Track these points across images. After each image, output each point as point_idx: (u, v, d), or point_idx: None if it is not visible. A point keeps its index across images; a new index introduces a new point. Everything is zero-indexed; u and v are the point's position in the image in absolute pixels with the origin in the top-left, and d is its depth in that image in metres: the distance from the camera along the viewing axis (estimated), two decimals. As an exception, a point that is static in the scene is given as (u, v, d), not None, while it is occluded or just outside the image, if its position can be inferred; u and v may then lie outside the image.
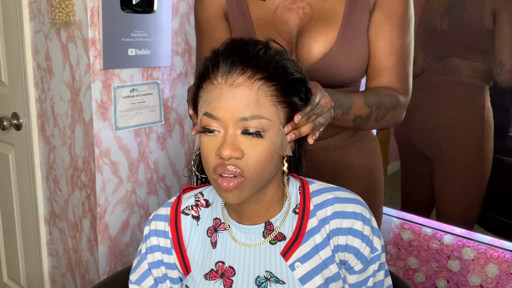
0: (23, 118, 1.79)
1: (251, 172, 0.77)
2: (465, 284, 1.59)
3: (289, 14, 1.10)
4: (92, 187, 1.60)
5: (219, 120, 0.77)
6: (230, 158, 0.76)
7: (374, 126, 1.09)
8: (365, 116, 1.04)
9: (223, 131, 0.77)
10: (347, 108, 1.00)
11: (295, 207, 0.88)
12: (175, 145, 1.82)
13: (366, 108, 1.03)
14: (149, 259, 0.92)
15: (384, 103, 1.05)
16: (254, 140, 0.76)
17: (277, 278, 0.85)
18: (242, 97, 0.75)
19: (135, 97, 1.62)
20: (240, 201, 0.80)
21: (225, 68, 0.77)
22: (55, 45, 1.60)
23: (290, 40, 1.10)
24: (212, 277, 0.88)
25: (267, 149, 0.77)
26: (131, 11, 1.53)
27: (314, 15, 1.09)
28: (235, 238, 0.88)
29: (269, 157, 0.78)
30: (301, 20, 1.10)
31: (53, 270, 1.92)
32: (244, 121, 0.75)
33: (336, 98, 0.96)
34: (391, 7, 1.08)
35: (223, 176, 0.77)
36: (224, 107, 0.76)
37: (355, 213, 0.85)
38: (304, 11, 1.10)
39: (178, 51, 1.73)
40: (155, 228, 0.92)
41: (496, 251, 1.52)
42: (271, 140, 0.77)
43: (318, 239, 0.85)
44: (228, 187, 0.77)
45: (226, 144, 0.75)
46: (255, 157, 0.76)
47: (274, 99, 0.77)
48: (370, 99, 1.04)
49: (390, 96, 1.07)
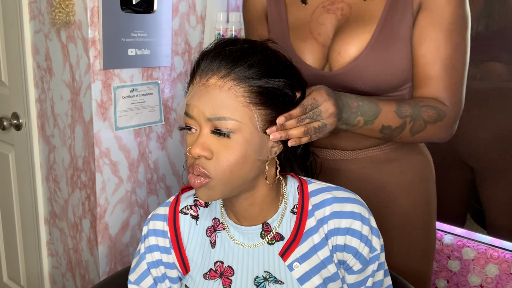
0: (23, 118, 1.79)
1: (219, 173, 0.77)
2: (465, 284, 1.59)
3: (327, 15, 1.05)
4: (92, 187, 1.60)
5: (194, 119, 0.78)
6: (199, 157, 0.77)
7: (412, 139, 0.99)
8: (396, 128, 0.96)
9: (198, 130, 0.78)
10: (372, 117, 0.93)
11: (293, 207, 0.88)
12: (175, 145, 1.82)
13: (398, 119, 0.95)
14: (148, 259, 0.92)
15: (422, 115, 0.96)
16: (224, 141, 0.77)
17: (276, 278, 0.85)
18: (209, 97, 0.76)
19: (135, 97, 1.62)
20: (211, 199, 0.81)
21: (203, 67, 0.78)
22: (55, 45, 1.60)
23: (325, 43, 1.05)
24: (211, 277, 0.88)
25: (237, 151, 0.77)
26: (131, 11, 1.53)
27: (352, 16, 1.03)
28: (233, 238, 0.88)
29: (241, 159, 0.77)
30: (338, 22, 1.04)
31: (53, 270, 1.92)
32: (211, 121, 0.76)
33: (358, 105, 0.91)
34: (438, 10, 0.98)
35: (193, 174, 0.78)
36: (194, 106, 0.77)
37: (354, 213, 0.84)
38: (342, 12, 1.04)
39: (178, 51, 1.73)
40: (153, 228, 0.92)
41: (496, 251, 1.52)
42: (241, 142, 0.76)
43: (316, 239, 0.85)
44: (195, 184, 0.78)
45: (196, 143, 0.77)
46: (224, 159, 0.77)
47: (247, 100, 0.76)
48: (404, 109, 0.95)
49: (432, 107, 0.97)
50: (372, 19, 1.01)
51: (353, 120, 0.91)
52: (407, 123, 0.95)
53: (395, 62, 1.00)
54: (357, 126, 0.92)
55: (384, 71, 1.00)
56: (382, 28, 0.99)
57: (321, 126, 0.83)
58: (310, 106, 0.81)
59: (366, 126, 0.93)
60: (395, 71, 1.00)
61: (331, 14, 1.05)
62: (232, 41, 0.80)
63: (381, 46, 0.99)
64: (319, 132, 0.83)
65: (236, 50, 0.78)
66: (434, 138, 1.01)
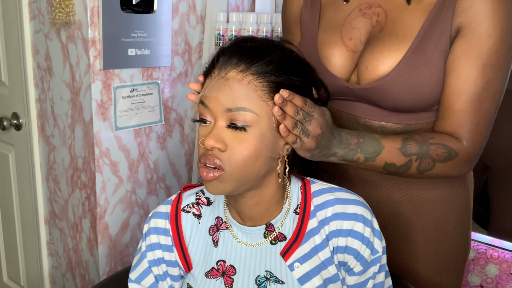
0: (23, 118, 1.79)
1: (232, 167, 0.77)
2: (465, 284, 1.59)
3: (363, 19, 1.00)
4: (92, 187, 1.60)
5: (210, 110, 0.78)
6: (212, 149, 0.77)
7: (421, 177, 0.94)
8: (401, 166, 0.91)
9: (213, 122, 0.79)
10: (373, 154, 0.89)
11: (296, 207, 0.87)
12: (175, 145, 1.82)
13: (402, 157, 0.90)
14: (149, 257, 0.92)
15: (430, 153, 0.91)
16: (239, 134, 0.77)
17: (277, 278, 0.85)
18: (229, 89, 0.77)
19: (135, 97, 1.62)
20: (220, 193, 0.80)
21: (222, 61, 0.79)
22: (55, 45, 1.60)
23: (355, 48, 1.00)
24: (213, 276, 0.88)
25: (252, 145, 0.77)
26: (131, 11, 1.53)
27: (387, 26, 0.97)
28: (236, 238, 0.88)
29: (254, 154, 0.78)
30: (373, 29, 0.99)
31: (53, 270, 1.92)
32: (229, 112, 0.76)
33: (358, 142, 0.88)
34: (476, 40, 0.90)
35: (206, 165, 0.78)
36: (212, 97, 0.78)
37: (356, 215, 0.84)
38: (378, 19, 0.98)
39: (178, 51, 1.73)
40: (155, 226, 0.92)
41: (496, 251, 1.52)
42: (256, 136, 0.77)
43: (317, 240, 0.85)
44: (207, 176, 0.78)
45: (210, 135, 0.77)
46: (238, 152, 0.77)
47: (265, 95, 0.77)
48: (409, 147, 0.90)
49: (442, 146, 0.91)
50: (408, 35, 0.94)
51: (351, 156, 0.89)
52: (413, 161, 0.91)
53: (423, 85, 0.94)
54: (357, 162, 0.90)
55: (411, 93, 0.94)
56: (415, 49, 0.93)
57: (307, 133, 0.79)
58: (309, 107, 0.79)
59: (367, 162, 0.90)
60: (422, 94, 0.94)
61: (367, 19, 0.99)
62: (251, 38, 0.82)
63: (411, 68, 0.93)
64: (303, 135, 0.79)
65: (255, 46, 0.80)
66: (446, 176, 0.96)
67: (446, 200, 1.05)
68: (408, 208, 1.06)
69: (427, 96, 0.95)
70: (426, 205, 1.05)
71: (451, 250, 1.08)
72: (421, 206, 1.05)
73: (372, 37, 0.98)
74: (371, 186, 1.06)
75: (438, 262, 1.08)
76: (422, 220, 1.06)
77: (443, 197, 1.05)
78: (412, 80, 0.93)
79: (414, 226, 1.06)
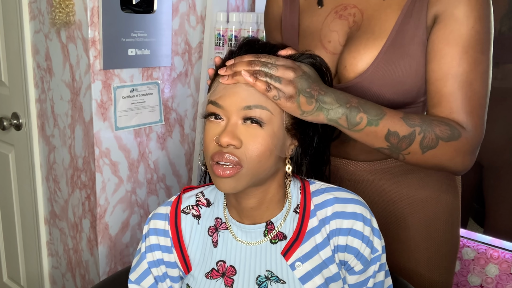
0: (23, 118, 1.79)
1: (249, 162, 0.77)
2: (465, 284, 1.59)
3: (340, 21, 1.00)
4: (92, 187, 1.60)
5: (223, 109, 0.78)
6: (228, 146, 0.77)
7: (423, 159, 0.87)
8: (404, 137, 0.84)
9: (226, 120, 0.79)
10: (376, 117, 0.83)
11: (296, 207, 0.88)
12: (175, 145, 1.82)
13: (406, 127, 0.84)
14: (149, 258, 0.92)
15: (433, 128, 0.85)
16: (254, 130, 0.77)
17: (278, 277, 0.86)
18: (247, 86, 0.78)
19: (135, 97, 1.62)
20: (234, 191, 0.80)
21: None
22: (55, 45, 1.60)
23: (335, 50, 1.00)
24: (213, 276, 0.88)
25: (266, 141, 0.78)
26: (131, 11, 1.53)
27: (363, 24, 0.97)
28: (236, 237, 0.88)
29: (268, 150, 0.78)
30: (351, 29, 0.99)
31: (53, 270, 1.92)
32: (248, 109, 0.77)
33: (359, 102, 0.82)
34: (455, 23, 0.88)
35: (220, 163, 0.78)
36: (229, 95, 0.78)
37: (355, 214, 0.84)
38: (354, 19, 0.99)
39: (178, 51, 1.73)
40: (154, 227, 0.92)
41: (496, 251, 1.52)
42: (270, 134, 0.78)
43: (318, 239, 0.85)
44: (223, 174, 0.77)
45: (225, 132, 0.77)
46: (253, 147, 0.77)
47: None
48: (411, 118, 0.85)
49: (445, 123, 0.86)
50: (382, 33, 0.94)
51: (354, 115, 0.81)
52: (416, 134, 0.84)
53: (403, 79, 0.93)
54: (359, 126, 0.82)
55: (390, 88, 0.93)
56: (391, 44, 0.93)
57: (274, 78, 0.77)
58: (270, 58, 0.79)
59: (370, 127, 0.83)
60: (403, 88, 0.93)
61: (343, 20, 1.00)
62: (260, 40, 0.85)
63: (388, 63, 0.92)
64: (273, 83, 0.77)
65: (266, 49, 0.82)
66: (449, 163, 0.89)
67: (436, 199, 1.05)
68: (399, 207, 1.06)
69: (407, 90, 0.94)
70: (416, 203, 1.05)
71: (442, 248, 1.09)
72: (411, 205, 1.06)
73: (350, 38, 0.98)
74: (362, 186, 1.07)
75: (429, 259, 1.09)
76: (413, 219, 1.06)
77: (433, 195, 1.05)
78: (390, 74, 0.92)
79: (405, 224, 1.07)
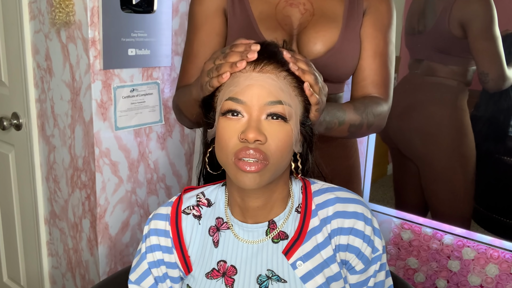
0: (23, 118, 1.79)
1: (274, 157, 0.77)
2: (465, 284, 1.59)
3: (291, 8, 1.13)
4: (92, 187, 1.60)
5: (245, 105, 0.77)
6: (254, 142, 0.76)
7: (367, 132, 1.12)
8: (358, 124, 1.07)
9: (247, 116, 0.77)
10: (343, 118, 1.04)
11: (298, 206, 0.88)
12: (175, 145, 1.82)
13: (358, 116, 1.06)
14: (149, 259, 0.92)
15: (371, 109, 1.09)
16: (277, 125, 0.77)
17: (279, 276, 0.86)
18: (271, 81, 0.77)
19: (135, 97, 1.62)
20: (257, 186, 0.78)
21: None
22: (55, 45, 1.60)
23: (291, 32, 1.13)
24: (213, 276, 0.88)
25: (288, 136, 0.78)
26: (131, 11, 1.53)
27: (316, 12, 1.13)
28: (237, 236, 0.88)
29: (289, 146, 0.79)
30: (302, 15, 1.13)
31: (53, 270, 1.92)
32: (271, 105, 0.77)
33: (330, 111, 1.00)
34: (379, 14, 1.15)
35: (244, 160, 0.76)
36: (253, 89, 0.77)
37: (357, 213, 0.85)
38: (305, 7, 1.14)
39: (178, 51, 1.73)
40: (155, 228, 0.92)
41: (496, 251, 1.52)
42: (289, 129, 0.78)
43: (319, 238, 0.85)
44: (250, 169, 0.76)
45: (251, 128, 0.75)
46: (277, 142, 0.77)
47: (297, 91, 0.80)
48: (358, 107, 1.07)
49: (375, 102, 1.11)
50: (337, 17, 1.13)
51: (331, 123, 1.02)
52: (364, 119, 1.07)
53: (355, 56, 1.14)
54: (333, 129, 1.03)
55: (349, 63, 1.13)
56: (346, 26, 1.12)
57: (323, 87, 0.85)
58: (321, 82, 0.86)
59: (339, 127, 1.04)
60: (353, 65, 1.14)
61: (294, 8, 1.13)
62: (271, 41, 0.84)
63: (347, 42, 1.11)
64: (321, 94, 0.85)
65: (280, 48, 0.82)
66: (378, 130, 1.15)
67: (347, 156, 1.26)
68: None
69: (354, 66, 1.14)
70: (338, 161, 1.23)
71: None
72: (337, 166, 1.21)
73: (306, 22, 1.12)
74: None
75: None
76: None
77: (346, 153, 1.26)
78: (350, 51, 1.12)
79: None
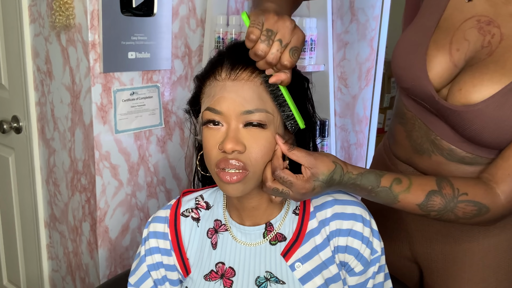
0: (23, 121, 1.79)
1: (254, 165, 0.78)
2: (466, 287, 1.58)
3: (477, 33, 0.91)
4: (92, 190, 1.60)
5: (222, 115, 0.77)
6: (233, 152, 0.76)
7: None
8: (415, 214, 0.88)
9: (226, 126, 0.78)
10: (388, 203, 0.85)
11: (295, 208, 0.88)
12: (175, 148, 1.82)
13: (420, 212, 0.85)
14: (148, 261, 0.92)
15: (456, 211, 0.85)
16: (256, 132, 0.77)
17: (277, 278, 0.86)
18: (246, 90, 0.77)
19: (135, 100, 1.62)
20: (242, 194, 0.80)
21: (228, 64, 0.79)
22: (55, 48, 1.60)
23: (457, 63, 0.91)
24: (212, 278, 0.88)
25: (269, 142, 0.78)
26: (131, 14, 1.53)
27: (497, 52, 0.88)
28: (235, 238, 0.88)
29: (270, 151, 0.79)
30: (482, 49, 0.90)
31: (53, 273, 1.92)
32: (248, 114, 0.76)
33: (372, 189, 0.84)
34: None
35: (226, 170, 0.77)
36: (227, 100, 0.77)
37: (355, 215, 0.85)
38: (491, 40, 0.89)
39: (178, 54, 1.73)
40: (154, 230, 0.92)
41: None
42: (269, 135, 0.78)
43: (318, 240, 0.85)
44: (231, 180, 0.77)
45: (228, 138, 0.76)
46: (257, 150, 0.77)
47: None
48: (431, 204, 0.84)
49: (473, 203, 0.84)
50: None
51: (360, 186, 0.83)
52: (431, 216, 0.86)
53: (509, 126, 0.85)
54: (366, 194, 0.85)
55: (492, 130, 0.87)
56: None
57: None
58: None
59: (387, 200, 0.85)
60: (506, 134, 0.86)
61: (480, 35, 0.90)
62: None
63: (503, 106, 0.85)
64: None
65: None
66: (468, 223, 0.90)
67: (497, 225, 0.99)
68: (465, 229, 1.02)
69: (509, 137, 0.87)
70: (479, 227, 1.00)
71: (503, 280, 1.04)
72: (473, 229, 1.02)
73: (477, 58, 0.90)
74: None
75: None
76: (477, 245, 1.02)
77: None
78: (499, 118, 0.85)
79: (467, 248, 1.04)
